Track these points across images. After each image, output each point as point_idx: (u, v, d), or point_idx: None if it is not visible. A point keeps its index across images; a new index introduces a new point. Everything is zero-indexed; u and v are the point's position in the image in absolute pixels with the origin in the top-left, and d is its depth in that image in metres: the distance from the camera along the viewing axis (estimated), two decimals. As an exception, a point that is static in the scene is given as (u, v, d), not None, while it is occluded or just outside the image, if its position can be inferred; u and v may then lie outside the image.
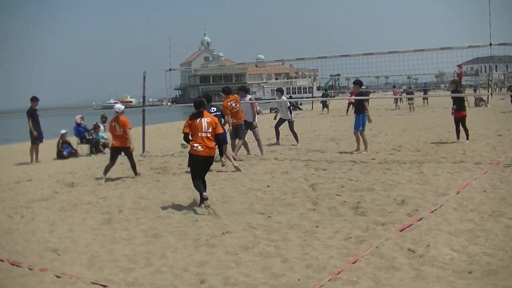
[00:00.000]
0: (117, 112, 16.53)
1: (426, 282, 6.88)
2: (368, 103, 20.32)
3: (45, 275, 8.20)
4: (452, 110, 21.42)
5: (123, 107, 17.18)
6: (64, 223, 11.33)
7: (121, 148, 16.47)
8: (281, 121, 23.67)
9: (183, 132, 12.19)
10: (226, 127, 17.39)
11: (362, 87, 22.39)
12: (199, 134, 12.08)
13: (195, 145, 12.03)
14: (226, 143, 16.70)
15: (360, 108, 20.07)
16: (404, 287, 6.75)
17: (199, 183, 12.08)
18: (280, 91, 24.55)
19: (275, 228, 9.82)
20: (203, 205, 11.68)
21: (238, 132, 18.85)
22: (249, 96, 20.91)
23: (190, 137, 12.07)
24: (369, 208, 10.85)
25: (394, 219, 9.90)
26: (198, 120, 12.15)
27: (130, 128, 16.46)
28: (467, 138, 21.22)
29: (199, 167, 12.22)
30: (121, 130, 16.11)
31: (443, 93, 75.79)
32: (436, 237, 8.60)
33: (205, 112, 12.45)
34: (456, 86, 23.81)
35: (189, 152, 12.28)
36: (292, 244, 8.85)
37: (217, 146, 12.46)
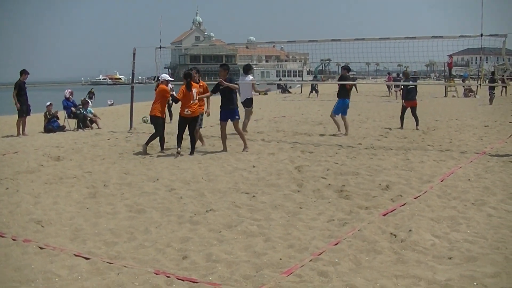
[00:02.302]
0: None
1: (407, 266, 6.93)
2: (356, 89, 20.50)
3: (28, 246, 8.20)
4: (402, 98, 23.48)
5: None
6: (49, 196, 11.33)
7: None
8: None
9: (178, 98, 15.92)
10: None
11: (350, 72, 22.51)
12: (191, 101, 15.92)
13: (186, 110, 15.95)
14: (236, 119, 16.78)
15: (342, 92, 20.26)
16: (384, 270, 6.79)
17: (180, 138, 16.18)
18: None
19: (259, 208, 9.87)
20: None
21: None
22: (250, 77, 20.86)
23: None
24: (354, 191, 10.90)
25: (377, 204, 9.95)
26: (190, 92, 15.88)
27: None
28: (417, 125, 22.47)
29: (184, 126, 16.24)
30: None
31: (432, 82, 76.04)
32: (418, 222, 8.65)
33: (193, 83, 16.18)
34: (407, 77, 25.03)
35: (180, 115, 16.25)
36: (275, 224, 8.89)
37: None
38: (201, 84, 16.94)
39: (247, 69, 21.19)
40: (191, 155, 15.91)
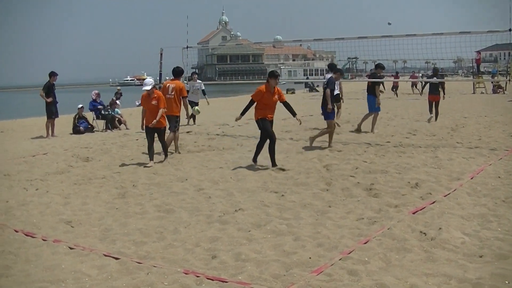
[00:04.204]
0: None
1: (437, 264, 6.88)
2: (383, 87, 20.48)
3: (58, 246, 8.27)
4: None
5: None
6: (78, 196, 11.43)
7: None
8: None
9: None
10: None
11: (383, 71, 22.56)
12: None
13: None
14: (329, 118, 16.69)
15: (372, 89, 20.25)
16: (414, 268, 6.75)
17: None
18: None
19: (288, 207, 9.87)
20: None
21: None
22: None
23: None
24: (382, 190, 10.86)
25: (407, 202, 9.89)
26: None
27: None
28: (436, 119, 23.49)
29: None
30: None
31: (460, 79, 75.53)
32: (448, 220, 8.59)
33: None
34: (436, 73, 26.48)
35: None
36: (304, 223, 8.88)
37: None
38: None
39: (332, 67, 21.52)
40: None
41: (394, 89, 45.47)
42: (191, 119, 23.98)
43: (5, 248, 8.29)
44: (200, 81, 25.76)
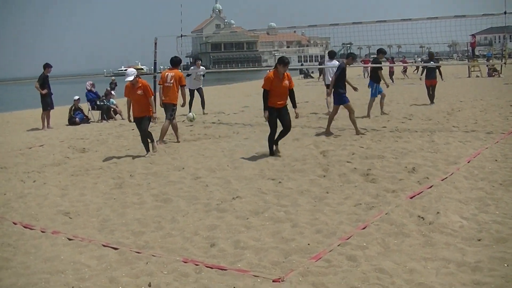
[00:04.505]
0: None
1: (435, 248, 6.90)
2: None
3: (57, 237, 8.31)
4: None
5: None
6: (76, 188, 11.45)
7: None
8: None
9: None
10: None
11: (373, 56, 22.70)
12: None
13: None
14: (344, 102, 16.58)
15: (376, 77, 20.32)
16: (413, 253, 6.77)
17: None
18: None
19: (286, 194, 9.89)
20: None
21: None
22: (335, 61, 21.20)
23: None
24: (380, 175, 10.87)
25: (404, 187, 9.91)
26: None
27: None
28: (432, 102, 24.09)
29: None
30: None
31: (455, 63, 75.49)
32: (446, 204, 8.61)
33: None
34: (431, 57, 26.79)
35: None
36: (302, 209, 8.90)
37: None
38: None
39: (333, 55, 22.30)
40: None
41: (390, 75, 45.48)
42: (190, 107, 23.97)
43: (4, 240, 8.33)
44: (203, 67, 25.75)
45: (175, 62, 17.19)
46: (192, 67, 25.17)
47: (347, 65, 16.76)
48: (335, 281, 6.05)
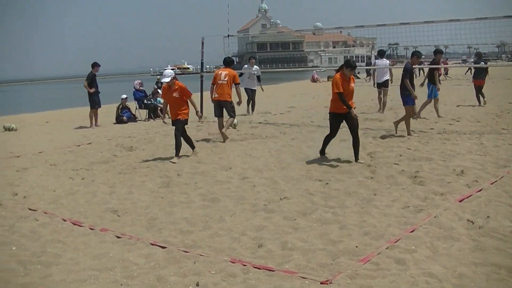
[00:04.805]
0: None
1: (485, 253, 6.81)
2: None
3: (105, 235, 8.39)
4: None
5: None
6: (124, 186, 11.54)
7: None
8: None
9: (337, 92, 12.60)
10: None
11: (422, 56, 22.55)
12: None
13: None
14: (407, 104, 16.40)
15: (433, 78, 20.17)
16: (462, 257, 6.69)
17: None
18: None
19: (333, 195, 9.85)
20: None
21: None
22: (386, 60, 21.39)
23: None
24: (428, 177, 10.76)
25: (453, 190, 9.80)
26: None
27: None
28: (480, 103, 23.99)
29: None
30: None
31: (505, 64, 74.49)
32: (496, 208, 8.51)
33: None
34: (480, 57, 26.58)
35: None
36: (349, 211, 8.86)
37: None
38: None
39: (382, 54, 23.15)
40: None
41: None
42: (249, 107, 23.96)
43: (54, 236, 8.44)
44: (257, 67, 25.14)
45: (228, 62, 17.50)
46: (245, 66, 24.92)
47: (413, 65, 16.48)
48: (384, 285, 6.02)
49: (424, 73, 56.76)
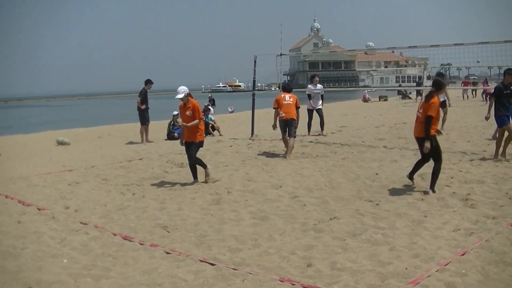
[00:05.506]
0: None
1: (538, 278, 6.73)
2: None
3: (155, 251, 8.48)
4: None
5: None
6: (174, 202, 11.64)
7: None
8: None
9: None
10: None
11: (471, 77, 22.28)
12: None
13: None
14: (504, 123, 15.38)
15: None
16: (514, 282, 6.62)
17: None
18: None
19: (383, 216, 9.80)
20: None
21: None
22: None
23: None
24: (479, 200, 10.63)
25: (505, 213, 9.66)
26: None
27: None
28: None
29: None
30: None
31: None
32: (550, 233, 8.39)
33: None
34: None
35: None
36: (399, 232, 8.80)
37: None
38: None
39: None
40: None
41: (484, 95, 44.77)
42: (309, 126, 23.70)
43: (105, 250, 8.55)
44: (320, 86, 24.33)
45: (287, 89, 17.98)
46: (309, 85, 24.05)
47: (505, 84, 15.87)
48: (433, 308, 5.98)
49: (475, 95, 56.43)
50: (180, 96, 13.54)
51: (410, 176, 12.41)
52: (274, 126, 17.57)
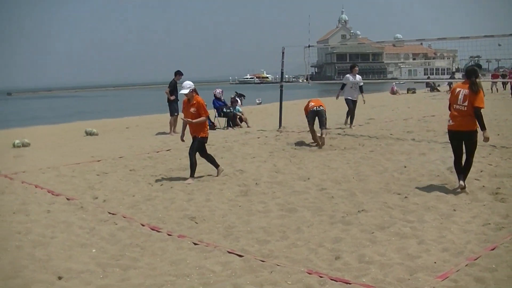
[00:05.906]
0: None
1: None
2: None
3: (183, 241, 8.50)
4: None
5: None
6: (202, 193, 11.66)
7: None
8: None
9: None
10: None
11: (503, 69, 22.16)
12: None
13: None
14: None
15: None
16: (545, 278, 6.55)
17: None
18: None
19: (412, 209, 9.74)
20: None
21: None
22: None
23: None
24: (510, 194, 10.52)
25: (536, 207, 9.58)
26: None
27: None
28: None
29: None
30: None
31: None
32: None
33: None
34: None
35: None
36: (428, 226, 8.74)
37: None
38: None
39: (480, 67, 22.12)
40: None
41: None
42: (348, 119, 23.39)
43: (133, 241, 8.60)
44: (359, 76, 23.67)
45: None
46: (347, 75, 23.48)
47: None
48: (462, 302, 5.93)
49: (505, 88, 55.58)
50: (185, 91, 13.27)
51: (463, 181, 11.16)
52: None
